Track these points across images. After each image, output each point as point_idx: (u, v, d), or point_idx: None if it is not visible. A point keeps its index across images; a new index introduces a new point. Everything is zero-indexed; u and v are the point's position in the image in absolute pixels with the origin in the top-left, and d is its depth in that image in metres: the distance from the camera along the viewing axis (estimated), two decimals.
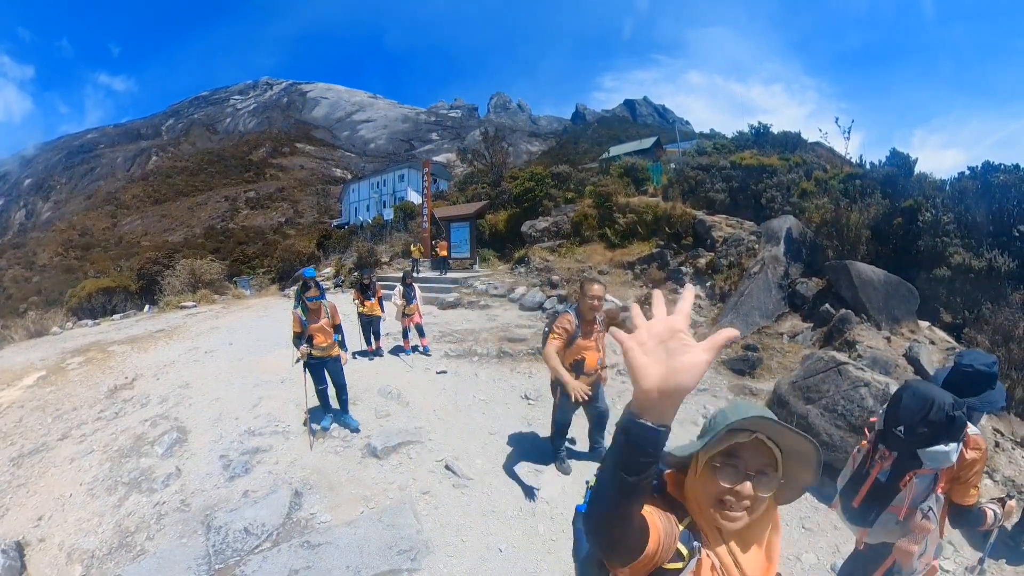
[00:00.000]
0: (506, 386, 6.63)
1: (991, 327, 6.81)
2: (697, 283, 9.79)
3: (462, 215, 15.88)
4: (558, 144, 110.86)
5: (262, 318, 11.87)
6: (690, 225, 10.93)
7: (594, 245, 12.06)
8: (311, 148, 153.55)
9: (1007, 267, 7.83)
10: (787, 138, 16.20)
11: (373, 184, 56.33)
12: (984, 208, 8.78)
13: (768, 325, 8.04)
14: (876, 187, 9.97)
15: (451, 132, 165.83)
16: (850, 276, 7.61)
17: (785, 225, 9.42)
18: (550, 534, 3.81)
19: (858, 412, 4.55)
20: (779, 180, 11.48)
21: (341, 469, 4.57)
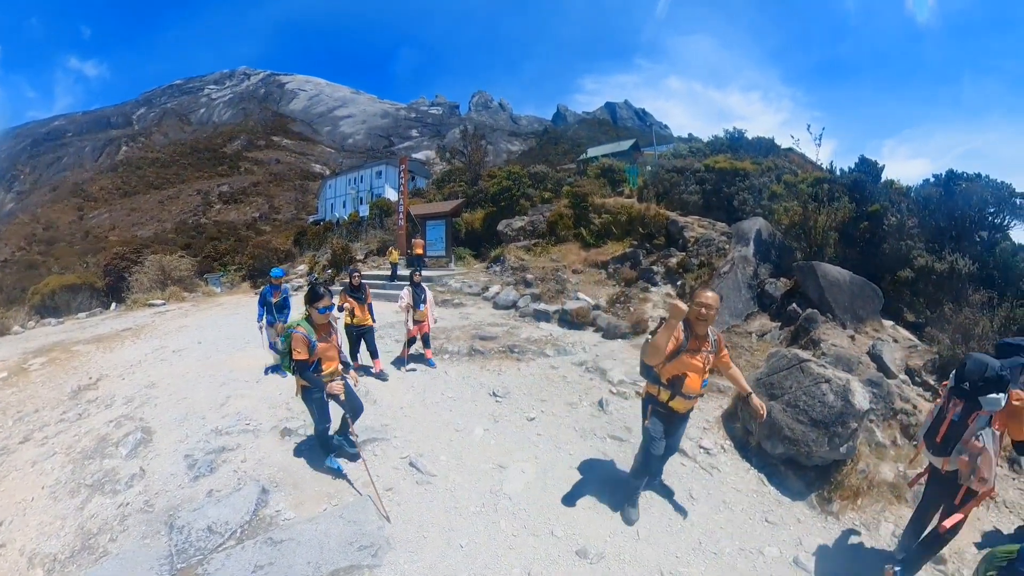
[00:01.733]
0: (475, 384, 6.68)
1: (952, 326, 7.11)
2: (668, 282, 9.98)
3: (438, 213, 15.78)
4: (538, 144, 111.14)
5: (233, 316, 11.67)
6: (663, 226, 11.13)
7: (569, 245, 12.16)
8: (288, 142, 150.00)
9: (967, 269, 8.22)
10: (761, 144, 16.63)
11: (350, 180, 55.68)
12: (947, 214, 9.17)
13: (738, 324, 8.20)
14: (844, 192, 10.21)
15: (431, 129, 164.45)
16: (817, 277, 7.78)
17: (755, 226, 9.61)
18: (512, 530, 3.85)
19: (819, 407, 4.67)
20: (751, 183, 11.73)
21: (306, 467, 4.57)
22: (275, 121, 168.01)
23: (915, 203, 9.62)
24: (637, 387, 6.53)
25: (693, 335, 3.52)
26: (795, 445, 4.66)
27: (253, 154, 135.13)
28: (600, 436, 5.37)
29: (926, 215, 9.30)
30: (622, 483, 4.33)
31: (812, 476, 4.66)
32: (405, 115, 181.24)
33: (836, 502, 4.42)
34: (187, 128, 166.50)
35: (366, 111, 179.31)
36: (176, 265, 17.35)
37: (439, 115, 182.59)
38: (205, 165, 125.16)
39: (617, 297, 9.63)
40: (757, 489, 4.63)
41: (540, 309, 9.61)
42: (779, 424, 4.80)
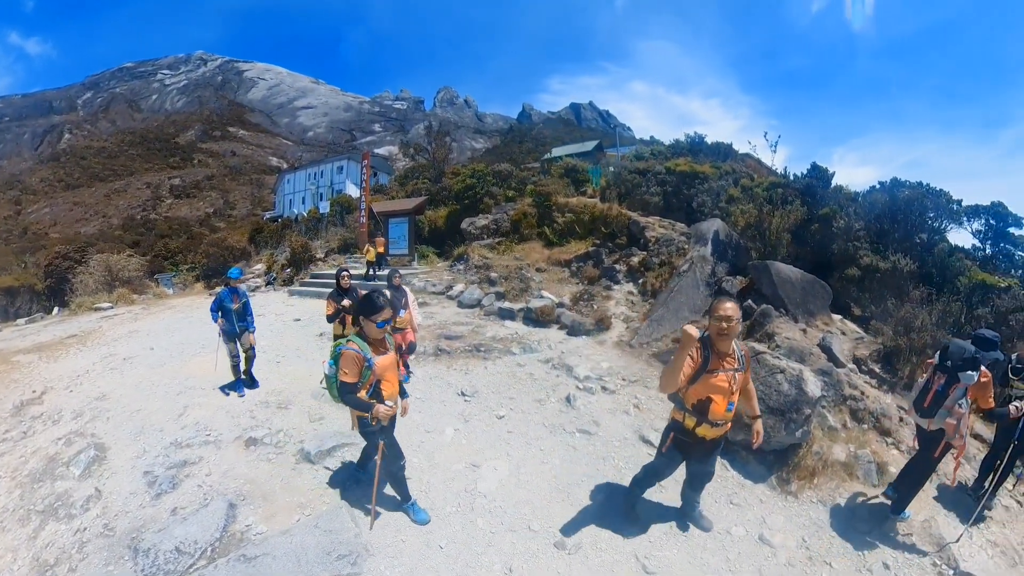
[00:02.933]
0: (443, 384, 6.65)
1: (895, 319, 7.59)
2: (630, 280, 10.19)
3: (401, 210, 15.56)
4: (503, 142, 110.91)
5: (187, 319, 11.20)
6: (625, 226, 11.34)
7: (533, 243, 12.23)
8: (245, 133, 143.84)
9: (909, 268, 8.92)
10: (720, 148, 17.44)
11: (310, 175, 54.12)
12: (890, 218, 9.87)
13: (697, 319, 8.42)
14: (797, 196, 10.75)
15: (395, 124, 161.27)
16: (771, 275, 8.16)
17: (713, 227, 9.95)
18: (489, 528, 3.88)
19: (775, 396, 4.98)
20: (710, 186, 12.12)
21: (274, 477, 4.45)
22: (232, 111, 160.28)
23: (862, 207, 10.27)
24: (603, 382, 6.69)
25: (715, 352, 3.25)
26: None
27: (207, 145, 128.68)
28: (569, 431, 5.48)
29: (872, 218, 9.95)
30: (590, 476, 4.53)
31: (771, 460, 4.96)
32: (368, 109, 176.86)
33: (795, 482, 4.74)
34: (137, 115, 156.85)
35: (328, 103, 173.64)
36: (124, 265, 16.38)
37: (403, 110, 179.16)
38: (156, 156, 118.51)
39: (580, 295, 9.77)
40: (721, 474, 4.82)
41: (505, 307, 9.64)
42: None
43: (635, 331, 8.42)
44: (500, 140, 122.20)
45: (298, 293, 12.82)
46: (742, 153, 17.04)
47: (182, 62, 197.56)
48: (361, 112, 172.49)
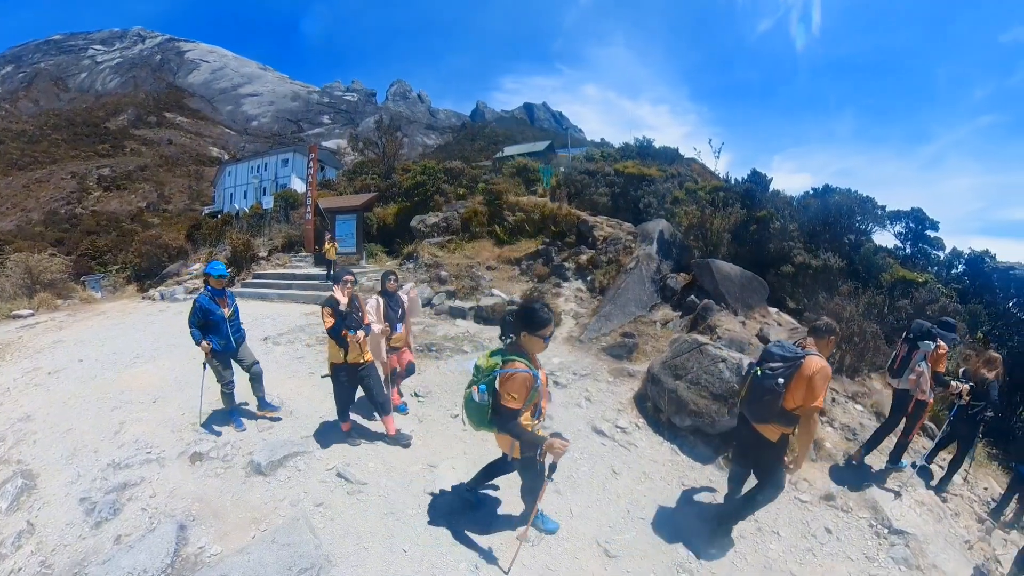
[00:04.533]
0: None
1: (826, 311, 8.16)
2: (579, 278, 10.37)
3: (349, 207, 15.07)
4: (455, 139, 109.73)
5: (119, 325, 10.25)
6: (574, 225, 11.52)
7: (483, 242, 12.19)
8: (184, 120, 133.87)
9: (838, 265, 9.77)
10: (666, 152, 18.36)
11: (253, 168, 51.22)
12: (822, 220, 10.78)
13: (643, 314, 8.81)
14: (737, 199, 11.44)
15: (344, 117, 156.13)
16: (712, 272, 8.62)
17: (658, 227, 10.33)
18: (446, 529, 3.83)
19: (718, 384, 5.31)
20: (656, 188, 12.57)
21: (225, 492, 4.17)
22: (170, 94, 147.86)
23: (797, 210, 11.12)
24: (554, 377, 6.78)
25: None
26: (700, 417, 5.28)
27: (142, 132, 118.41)
28: None
29: (805, 221, 10.76)
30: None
31: (718, 442, 5.27)
32: (318, 99, 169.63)
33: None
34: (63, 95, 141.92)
35: (275, 91, 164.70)
36: (46, 266, 14.56)
37: (354, 102, 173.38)
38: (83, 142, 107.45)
39: (531, 293, 9.90)
40: (672, 459, 5.17)
41: (455, 306, 9.56)
42: (685, 400, 5.40)
43: (584, 327, 8.59)
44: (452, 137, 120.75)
45: (240, 295, 12.01)
46: (687, 158, 18.04)
47: (117, 37, 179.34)
48: (310, 102, 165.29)
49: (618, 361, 7.45)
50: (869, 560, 4.15)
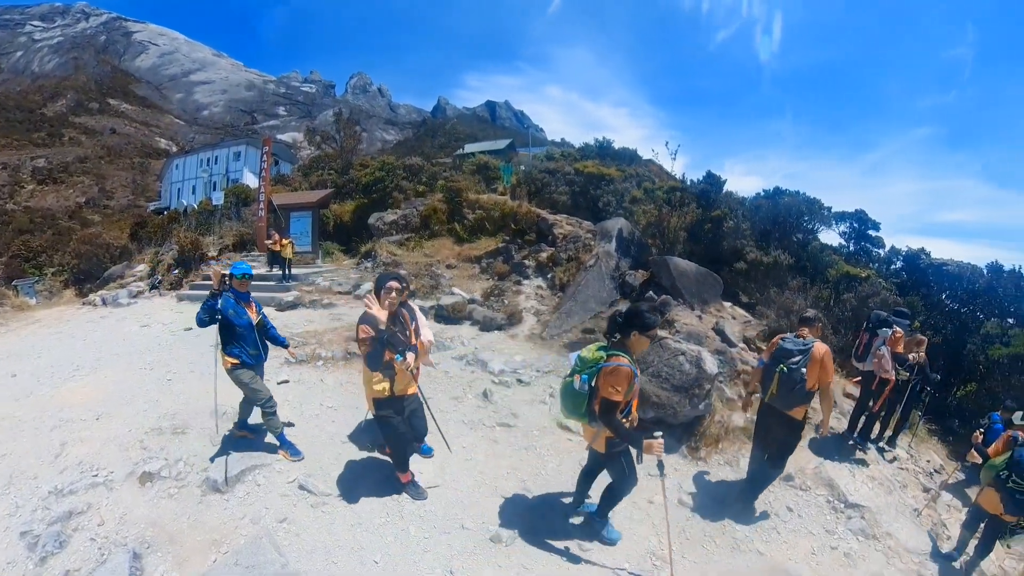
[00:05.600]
0: (355, 389, 6.19)
1: (776, 305, 8.77)
2: (539, 275, 10.44)
3: (305, 203, 14.63)
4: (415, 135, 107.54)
5: (56, 335, 9.39)
6: (534, 223, 11.56)
7: (443, 240, 12.07)
8: (129, 107, 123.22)
9: (787, 262, 10.35)
10: (625, 153, 18.92)
11: (203, 161, 48.73)
12: (772, 220, 11.44)
13: (603, 310, 8.91)
14: (693, 199, 11.85)
15: (301, 109, 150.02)
16: (669, 268, 8.90)
17: (617, 225, 10.49)
18: (422, 533, 3.76)
19: (678, 375, 5.48)
20: (615, 188, 12.88)
21: (180, 514, 3.87)
22: (115, 79, 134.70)
23: (749, 210, 11.71)
24: (518, 375, 6.82)
25: None
26: (663, 408, 5.44)
27: (82, 119, 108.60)
28: (489, 425, 5.49)
29: (757, 220, 11.37)
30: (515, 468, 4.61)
31: (680, 432, 5.46)
32: (274, 89, 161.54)
33: (703, 449, 5.33)
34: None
35: (228, 79, 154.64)
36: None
37: (312, 93, 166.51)
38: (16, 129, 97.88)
39: (491, 291, 9.87)
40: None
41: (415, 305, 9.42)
42: (647, 393, 5.52)
43: (545, 324, 8.67)
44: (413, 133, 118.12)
45: (188, 298, 11.28)
46: (646, 159, 18.79)
47: (58, 13, 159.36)
48: (265, 92, 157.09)
49: None
50: (829, 533, 4.46)
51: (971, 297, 10.92)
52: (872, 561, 4.25)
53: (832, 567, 4.11)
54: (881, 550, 4.40)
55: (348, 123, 22.57)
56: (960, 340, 9.91)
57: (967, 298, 10.98)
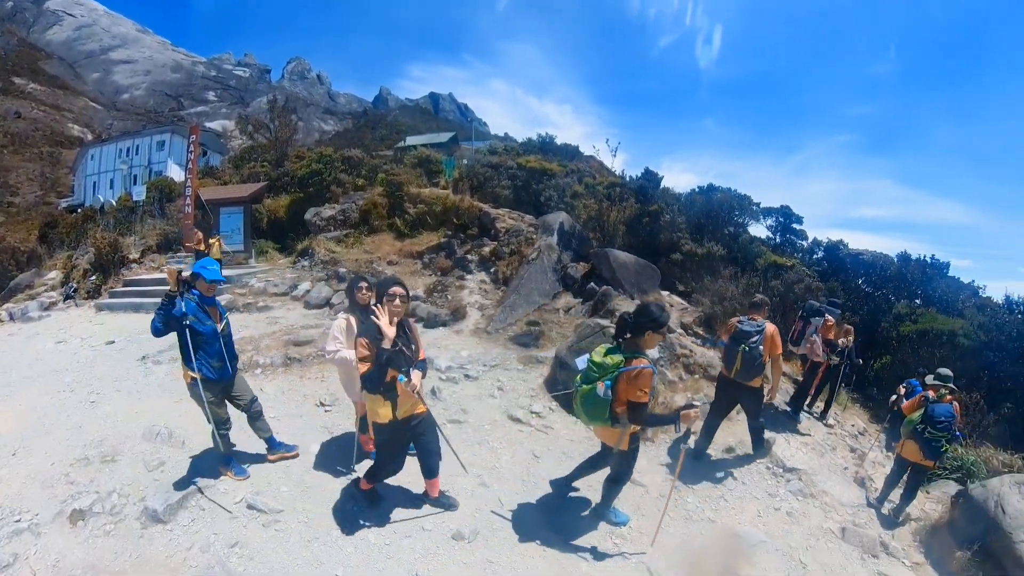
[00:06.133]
0: (298, 396, 6.04)
1: (711, 292, 9.33)
2: (482, 270, 10.46)
3: (236, 198, 13.82)
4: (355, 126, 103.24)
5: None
6: (476, 217, 11.56)
7: (383, 235, 11.81)
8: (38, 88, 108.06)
9: (720, 253, 11.02)
10: (568, 149, 19.48)
11: (122, 151, 44.41)
12: (706, 214, 12.19)
13: (546, 303, 9.12)
14: (632, 194, 12.43)
15: (233, 94, 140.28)
16: (609, 260, 9.20)
17: (559, 219, 10.67)
18: (382, 540, 3.66)
19: None
20: (557, 183, 13.09)
21: (121, 553, 3.50)
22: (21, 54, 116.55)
23: (684, 205, 12.46)
24: (465, 370, 6.80)
25: None
26: None
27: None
28: (439, 423, 5.44)
29: (692, 214, 12.05)
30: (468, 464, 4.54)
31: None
32: (204, 72, 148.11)
33: (649, 430, 5.53)
34: None
35: (153, 59, 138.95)
36: None
37: (245, 78, 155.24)
38: None
39: (435, 286, 9.76)
40: (588, 435, 5.34)
41: None
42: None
43: (490, 318, 8.71)
44: (353, 123, 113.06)
45: (108, 307, 10.23)
46: (587, 155, 19.53)
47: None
48: (193, 75, 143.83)
49: (526, 349, 7.68)
50: (772, 496, 4.92)
51: (884, 282, 12.11)
52: (812, 517, 4.73)
53: (777, 526, 4.53)
54: (819, 506, 4.91)
55: (284, 111, 21.35)
56: (875, 319, 11.01)
57: (880, 283, 12.16)
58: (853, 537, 4.51)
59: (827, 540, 4.46)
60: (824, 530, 4.59)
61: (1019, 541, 3.85)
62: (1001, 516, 4.08)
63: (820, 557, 4.21)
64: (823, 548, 4.35)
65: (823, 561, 4.17)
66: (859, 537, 4.50)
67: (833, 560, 4.21)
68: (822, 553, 4.27)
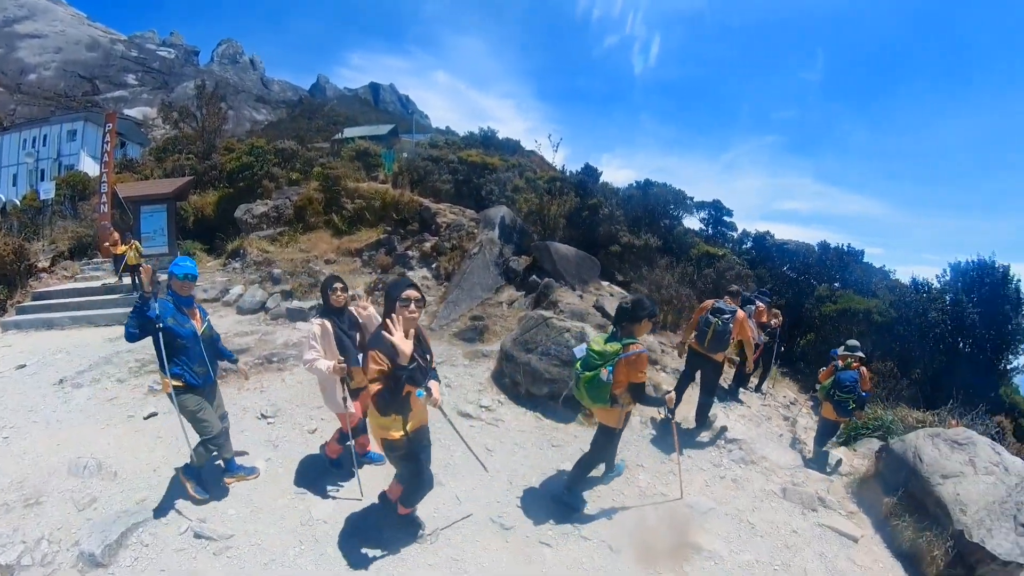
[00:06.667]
0: (237, 410, 5.60)
1: (648, 281, 9.83)
2: (424, 266, 10.38)
3: (158, 195, 12.82)
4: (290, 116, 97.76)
5: None
6: (417, 212, 11.42)
7: (320, 232, 11.39)
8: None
9: (656, 244, 11.58)
10: (509, 144, 19.69)
11: (27, 140, 39.40)
12: (643, 207, 12.78)
13: (489, 297, 9.18)
14: (572, 188, 12.75)
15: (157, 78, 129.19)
16: (550, 253, 9.40)
17: (500, 213, 10.71)
18: (339, 554, 3.55)
19: (566, 351, 5.92)
20: (498, 177, 13.14)
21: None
22: None
23: (622, 199, 12.92)
24: None
25: None
26: (555, 383, 5.86)
27: None
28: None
29: (630, 208, 12.54)
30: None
31: (575, 402, 5.76)
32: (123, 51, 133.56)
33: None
34: None
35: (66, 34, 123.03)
36: None
37: (170, 60, 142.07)
38: None
39: (375, 284, 9.55)
40: (537, 425, 5.62)
41: (294, 308, 8.74)
42: (540, 370, 5.96)
43: (433, 315, 8.65)
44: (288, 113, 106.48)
45: (16, 325, 9.08)
46: (528, 150, 20.06)
47: None
48: (112, 54, 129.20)
49: (471, 344, 7.70)
50: (716, 466, 5.31)
51: (806, 268, 13.30)
52: (755, 481, 5.14)
53: (724, 492, 4.88)
54: (760, 471, 5.34)
55: (213, 98, 20.03)
56: (799, 302, 12.15)
57: (803, 269, 13.33)
58: (793, 495, 4.93)
59: (770, 501, 4.84)
60: (767, 492, 4.98)
61: (936, 484, 4.38)
62: (919, 464, 4.63)
63: (766, 516, 4.56)
64: (767, 508, 4.71)
65: (769, 519, 4.52)
66: (798, 495, 4.93)
67: (777, 518, 4.56)
68: (767, 512, 4.63)
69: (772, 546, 4.15)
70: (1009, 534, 3.87)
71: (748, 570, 3.84)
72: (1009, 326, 10.89)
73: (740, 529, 4.32)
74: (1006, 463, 4.52)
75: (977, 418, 7.20)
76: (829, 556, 4.13)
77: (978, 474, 4.39)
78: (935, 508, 4.26)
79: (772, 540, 4.24)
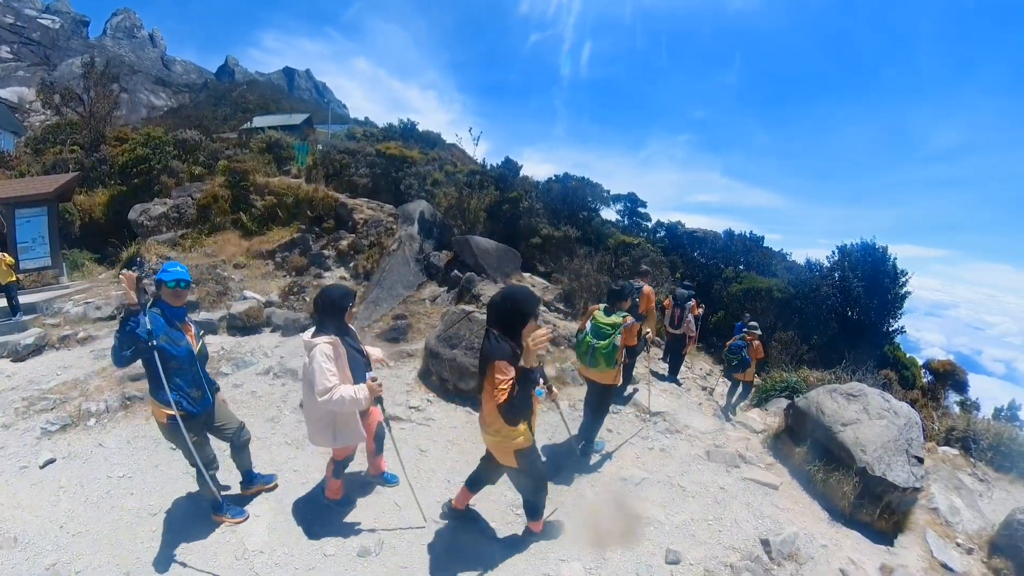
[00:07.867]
0: (149, 443, 4.99)
1: (569, 271, 10.15)
2: (341, 265, 10.11)
3: (36, 195, 11.29)
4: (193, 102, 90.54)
5: None
6: (332, 208, 11.07)
7: (227, 233, 10.72)
8: None
9: (575, 235, 12.06)
10: (429, 137, 19.75)
11: None
12: (563, 200, 13.32)
13: (411, 294, 9.09)
14: (492, 182, 12.86)
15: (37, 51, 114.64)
16: (471, 247, 9.44)
17: (419, 208, 10.58)
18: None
19: None
20: (417, 170, 13.03)
21: None
22: None
23: (542, 192, 13.43)
24: None
25: None
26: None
27: None
28: None
29: (549, 201, 13.05)
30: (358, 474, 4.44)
31: None
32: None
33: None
34: None
35: None
36: None
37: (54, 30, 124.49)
38: None
39: (290, 288, 9.11)
40: (469, 420, 5.57)
41: (201, 319, 8.04)
42: (465, 365, 5.98)
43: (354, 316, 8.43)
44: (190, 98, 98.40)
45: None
46: (449, 143, 20.26)
47: None
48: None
49: (395, 344, 7.56)
50: (644, 439, 5.64)
51: (715, 253, 14.64)
52: (681, 448, 5.55)
53: (654, 462, 5.20)
54: (685, 439, 5.76)
55: (104, 78, 17.99)
56: (709, 283, 13.36)
57: (712, 254, 14.66)
58: (717, 456, 5.41)
59: (697, 464, 5.26)
60: (693, 456, 5.39)
61: (838, 431, 5.07)
62: (821, 416, 5.32)
63: (694, 478, 4.97)
64: (695, 471, 5.12)
65: (698, 481, 4.92)
66: (721, 455, 5.42)
67: (705, 478, 4.98)
68: (695, 475, 5.04)
69: (704, 504, 4.56)
70: (904, 466, 4.65)
71: (685, 529, 4.19)
72: (889, 295, 13.06)
73: (673, 493, 4.69)
74: (895, 408, 5.28)
75: (867, 373, 8.52)
76: (755, 505, 4.64)
77: (872, 419, 5.12)
78: (840, 452, 4.96)
79: (703, 499, 4.64)
